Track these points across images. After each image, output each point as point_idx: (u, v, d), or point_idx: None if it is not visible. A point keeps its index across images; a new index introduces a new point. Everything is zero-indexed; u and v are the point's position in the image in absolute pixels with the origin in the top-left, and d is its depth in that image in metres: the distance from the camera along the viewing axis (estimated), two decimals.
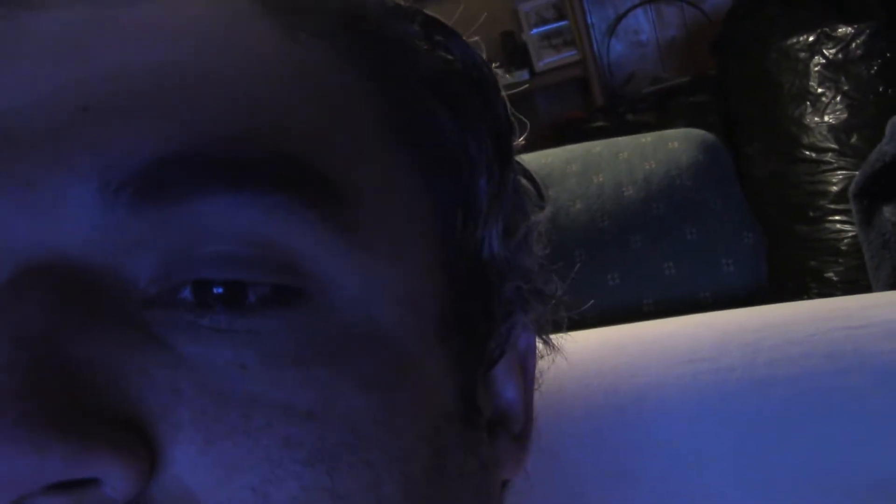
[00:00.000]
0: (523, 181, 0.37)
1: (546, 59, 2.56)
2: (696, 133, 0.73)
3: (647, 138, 0.73)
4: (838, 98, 1.82)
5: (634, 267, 0.68)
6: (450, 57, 0.32)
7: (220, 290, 0.24)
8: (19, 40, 0.26)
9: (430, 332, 0.29)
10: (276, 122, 0.26)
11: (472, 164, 0.32)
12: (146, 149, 0.24)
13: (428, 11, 0.33)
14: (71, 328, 0.23)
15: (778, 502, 0.50)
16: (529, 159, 0.76)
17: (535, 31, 2.56)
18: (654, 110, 2.27)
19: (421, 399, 0.28)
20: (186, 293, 0.24)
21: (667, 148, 0.71)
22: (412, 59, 0.32)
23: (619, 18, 2.61)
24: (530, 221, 0.36)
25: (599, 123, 2.30)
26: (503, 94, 0.34)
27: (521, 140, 0.36)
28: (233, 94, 0.26)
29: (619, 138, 0.75)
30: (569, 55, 2.55)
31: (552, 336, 0.43)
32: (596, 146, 0.74)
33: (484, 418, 0.32)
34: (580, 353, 0.56)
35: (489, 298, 0.33)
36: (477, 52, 0.34)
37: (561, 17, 2.57)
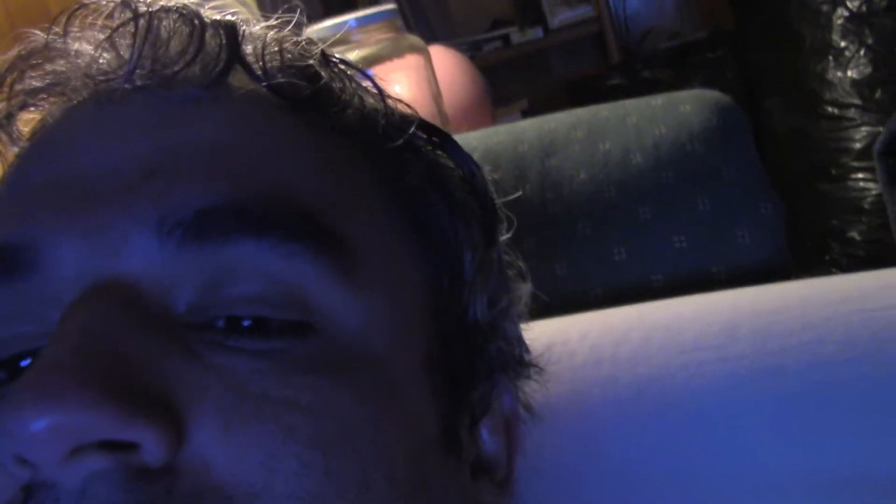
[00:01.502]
0: (507, 260, 0.44)
1: (560, 16, 2.52)
2: (710, 95, 0.68)
3: (657, 101, 0.69)
4: (862, 52, 1.79)
5: (643, 240, 0.64)
6: (443, 154, 0.41)
7: (248, 322, 0.31)
8: (104, 123, 0.35)
9: (417, 366, 0.35)
10: (295, 188, 0.33)
11: (459, 241, 0.39)
12: (195, 202, 0.31)
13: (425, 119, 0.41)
14: (127, 330, 0.29)
15: (785, 500, 0.47)
16: (532, 125, 0.72)
17: None
18: (672, 67, 2.23)
19: (407, 416, 0.34)
20: (220, 322, 0.31)
21: (678, 111, 0.67)
22: (412, 154, 0.40)
23: None
24: (512, 295, 0.43)
25: (616, 81, 2.26)
26: (491, 191, 0.42)
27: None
28: (264, 166, 0.34)
29: (628, 101, 0.71)
30: (584, 11, 2.50)
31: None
32: (602, 110, 0.70)
33: (467, 458, 0.38)
34: (578, 342, 0.53)
35: (472, 352, 0.39)
36: (468, 155, 0.41)
37: None
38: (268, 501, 0.28)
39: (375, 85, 0.40)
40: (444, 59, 1.25)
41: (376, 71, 0.91)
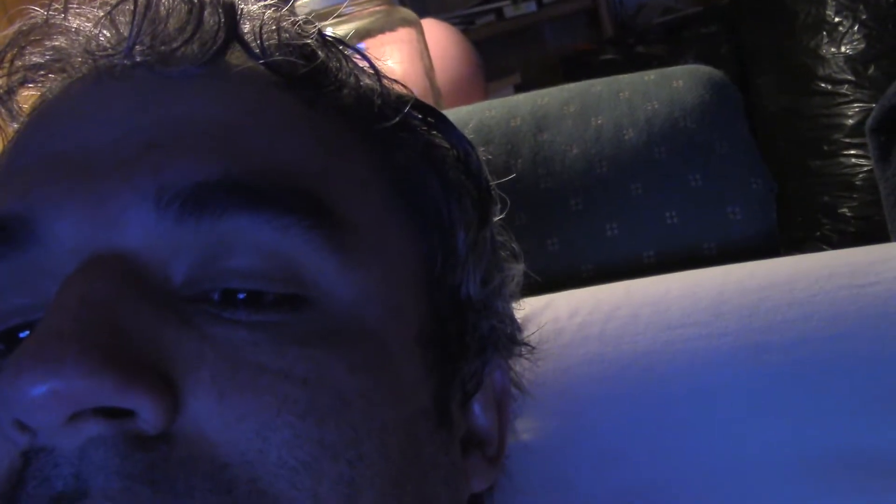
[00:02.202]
0: (501, 240, 0.45)
1: None
2: (703, 70, 0.68)
3: (650, 76, 0.69)
4: (856, 27, 1.77)
5: (634, 216, 0.64)
6: (438, 134, 0.41)
7: (243, 296, 0.31)
8: (104, 98, 0.35)
9: (410, 339, 0.36)
10: (292, 164, 0.34)
11: (453, 219, 0.39)
12: (193, 175, 0.31)
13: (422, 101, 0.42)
14: (125, 300, 0.29)
15: (769, 479, 0.47)
16: (525, 99, 0.72)
17: None
18: (665, 42, 2.22)
19: (400, 388, 0.34)
20: (215, 295, 0.31)
21: (671, 87, 0.66)
22: (407, 133, 0.40)
23: None
24: (505, 274, 0.44)
25: (609, 56, 2.25)
26: (486, 172, 0.42)
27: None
28: (261, 142, 0.34)
29: (621, 76, 0.70)
30: None
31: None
32: (595, 85, 0.70)
33: (458, 432, 0.39)
34: (567, 319, 0.53)
35: (464, 328, 0.40)
36: (463, 135, 0.42)
37: None
38: (262, 470, 0.29)
39: (372, 65, 0.41)
40: (437, 32, 1.25)
41: (368, 44, 0.90)
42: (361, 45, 0.89)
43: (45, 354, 0.27)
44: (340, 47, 0.40)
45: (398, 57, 0.94)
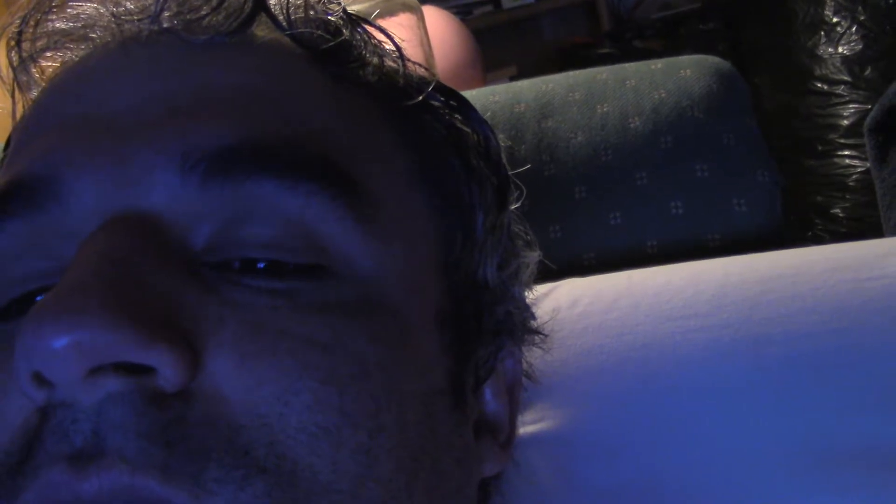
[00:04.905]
0: (517, 229, 0.45)
1: None
2: (711, 60, 0.68)
3: (657, 65, 0.68)
4: (854, 28, 1.78)
5: (639, 205, 0.64)
6: (460, 118, 0.41)
7: (263, 265, 0.31)
8: (129, 62, 0.35)
9: (429, 317, 0.36)
10: (317, 133, 0.34)
11: (473, 202, 0.40)
12: (219, 139, 0.31)
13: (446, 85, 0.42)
14: (147, 259, 0.29)
15: (770, 473, 0.47)
16: (529, 86, 0.71)
17: None
18: (663, 37, 2.23)
19: (418, 364, 0.34)
20: (236, 264, 0.31)
21: (678, 76, 0.66)
22: (429, 115, 0.40)
23: None
24: (521, 261, 0.44)
25: (606, 49, 2.26)
26: (504, 158, 0.43)
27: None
28: (287, 110, 0.34)
29: (627, 64, 0.70)
30: None
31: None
32: (601, 72, 0.69)
33: (471, 415, 0.39)
34: (567, 309, 0.52)
35: (480, 310, 0.40)
36: (484, 120, 0.42)
37: None
38: (281, 434, 0.29)
39: (396, 46, 0.41)
40: (437, 19, 1.24)
41: (368, 29, 0.89)
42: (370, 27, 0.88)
43: (67, 306, 0.26)
44: (365, 26, 0.40)
45: None
